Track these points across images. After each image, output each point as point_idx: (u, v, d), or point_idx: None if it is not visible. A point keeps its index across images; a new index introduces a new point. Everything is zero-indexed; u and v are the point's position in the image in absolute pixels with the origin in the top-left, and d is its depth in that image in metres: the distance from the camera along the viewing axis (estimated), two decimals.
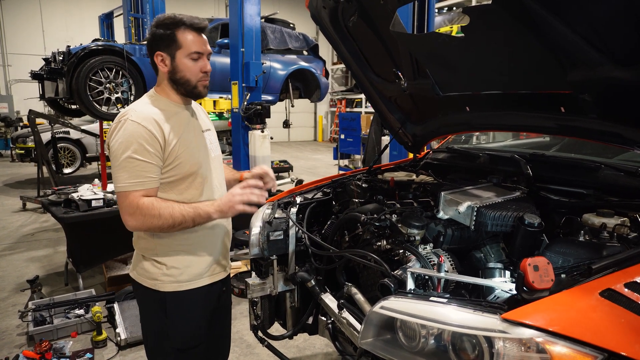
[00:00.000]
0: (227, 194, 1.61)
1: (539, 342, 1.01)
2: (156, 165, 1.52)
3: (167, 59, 1.58)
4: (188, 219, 1.54)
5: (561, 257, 1.43)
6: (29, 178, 9.38)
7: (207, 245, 1.72)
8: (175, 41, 1.56)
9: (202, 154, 1.67)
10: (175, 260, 1.64)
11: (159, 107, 1.59)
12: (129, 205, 1.50)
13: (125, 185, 1.49)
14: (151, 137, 1.50)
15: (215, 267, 1.75)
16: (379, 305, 1.27)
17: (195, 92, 1.63)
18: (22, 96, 13.86)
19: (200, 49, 1.58)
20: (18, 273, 4.47)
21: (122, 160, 1.49)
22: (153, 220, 1.50)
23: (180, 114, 1.64)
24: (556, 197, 1.79)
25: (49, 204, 3.99)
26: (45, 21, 15.35)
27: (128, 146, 1.48)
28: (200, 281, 1.70)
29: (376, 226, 1.74)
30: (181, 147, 1.57)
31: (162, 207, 1.51)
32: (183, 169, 1.59)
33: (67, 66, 4.97)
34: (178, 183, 1.60)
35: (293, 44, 7.38)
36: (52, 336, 3.20)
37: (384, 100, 2.48)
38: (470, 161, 2.40)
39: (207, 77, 1.63)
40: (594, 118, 1.62)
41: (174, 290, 1.65)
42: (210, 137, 1.77)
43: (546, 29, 1.39)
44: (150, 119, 1.52)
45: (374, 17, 2.02)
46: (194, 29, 1.57)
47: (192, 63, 1.58)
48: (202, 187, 1.65)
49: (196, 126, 1.70)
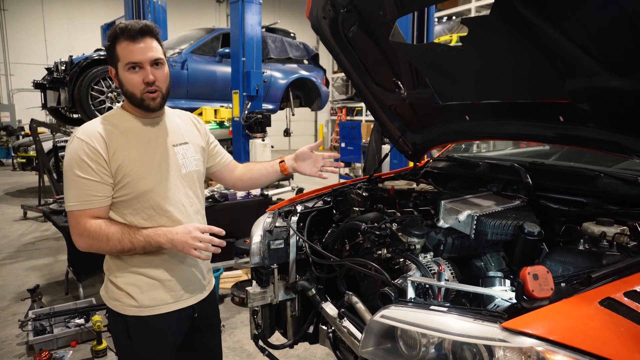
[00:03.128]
0: (184, 231, 1.48)
1: (539, 351, 1.01)
2: (102, 182, 1.45)
3: (113, 73, 1.52)
4: (138, 247, 1.46)
5: (561, 266, 1.44)
6: (30, 187, 9.39)
7: (172, 267, 1.59)
8: (115, 54, 1.47)
9: (163, 171, 1.55)
10: (133, 282, 1.55)
11: (112, 123, 1.52)
12: (76, 225, 1.45)
13: (72, 205, 1.45)
14: (94, 153, 1.43)
15: (182, 293, 1.62)
16: (380, 314, 1.27)
17: (144, 105, 1.50)
18: (24, 105, 13.94)
19: (134, 58, 1.44)
20: (18, 282, 4.46)
21: (69, 179, 1.45)
22: (100, 244, 1.44)
23: (140, 128, 1.55)
24: (556, 205, 1.80)
25: (50, 212, 4.00)
26: (47, 31, 15.46)
27: (72, 163, 1.44)
28: (164, 307, 1.58)
29: (376, 235, 1.74)
30: (131, 164, 1.48)
31: (110, 232, 1.44)
32: (134, 188, 1.49)
33: (69, 75, 5.03)
34: (131, 202, 1.50)
35: (294, 53, 7.43)
36: (52, 346, 3.18)
37: (384, 109, 2.49)
38: (470, 170, 2.40)
39: (152, 87, 1.48)
40: (592, 127, 1.62)
41: (135, 314, 1.56)
42: (185, 151, 1.64)
43: (544, 38, 1.41)
44: (95, 134, 1.46)
45: (373, 27, 2.03)
46: (128, 37, 1.44)
47: (131, 75, 1.47)
48: (161, 206, 1.53)
49: (162, 141, 1.59)
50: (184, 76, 6.03)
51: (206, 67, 6.32)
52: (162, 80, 1.52)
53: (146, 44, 1.46)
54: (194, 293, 1.68)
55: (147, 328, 1.58)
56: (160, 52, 1.51)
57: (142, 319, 1.57)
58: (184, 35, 6.98)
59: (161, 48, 1.53)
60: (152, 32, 1.48)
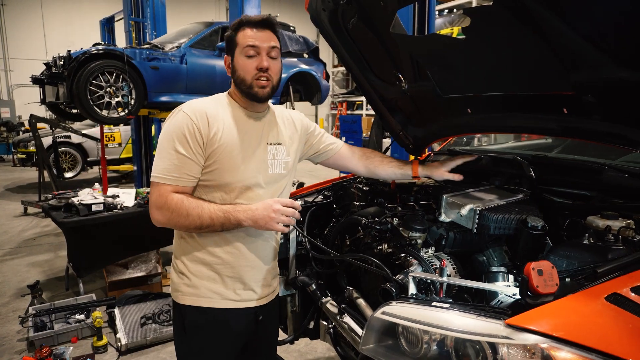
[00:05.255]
0: (264, 206, 1.45)
1: (543, 348, 0.99)
2: (195, 162, 1.45)
3: (229, 60, 1.54)
4: (217, 222, 1.44)
5: (565, 261, 1.41)
6: (30, 182, 9.38)
7: (237, 266, 1.57)
8: (235, 40, 1.51)
9: (252, 167, 1.53)
10: (196, 270, 1.54)
11: (220, 105, 1.52)
12: (158, 197, 1.44)
13: (160, 177, 1.43)
14: (195, 130, 1.43)
15: (242, 293, 1.59)
16: (380, 311, 1.25)
17: (252, 92, 1.50)
18: (23, 101, 13.88)
19: (254, 42, 1.47)
20: (19, 278, 4.46)
21: (164, 150, 1.44)
22: (180, 218, 1.43)
23: (242, 119, 1.54)
24: (559, 199, 1.77)
25: (50, 208, 3.99)
26: (46, 26, 15.40)
27: (172, 135, 1.43)
28: (222, 302, 1.56)
29: (377, 230, 1.72)
30: (224, 153, 1.47)
31: (191, 207, 1.42)
32: (218, 177, 1.48)
33: (67, 70, 4.98)
34: (212, 190, 1.50)
35: (293, 46, 7.37)
36: (53, 342, 3.18)
37: (384, 102, 2.46)
38: (472, 163, 2.37)
39: (265, 75, 1.49)
40: (597, 119, 1.59)
41: (192, 304, 1.55)
42: (276, 151, 1.61)
43: (548, 29, 1.38)
44: (201, 112, 1.46)
45: (374, 19, 2.00)
46: (252, 24, 1.49)
47: (246, 60, 1.49)
48: (236, 202, 1.51)
49: (260, 136, 1.57)
50: (183, 70, 5.99)
51: (205, 62, 6.27)
52: (275, 71, 1.53)
53: (266, 33, 1.51)
54: (258, 296, 1.64)
55: (202, 320, 1.56)
56: (278, 44, 1.54)
57: (198, 310, 1.55)
58: (183, 29, 6.93)
59: (279, 44, 1.55)
60: (275, 26, 1.53)
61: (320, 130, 1.88)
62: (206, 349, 1.59)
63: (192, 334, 1.58)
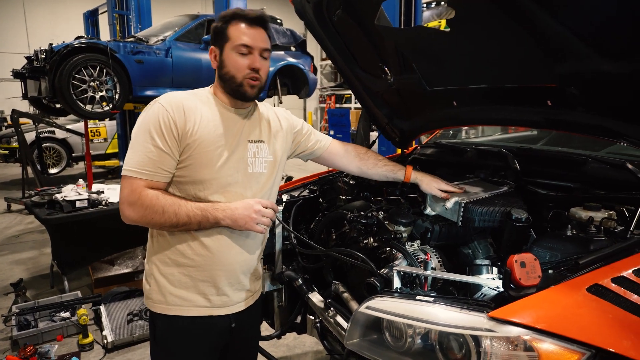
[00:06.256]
0: (245, 206, 1.41)
1: (526, 340, 1.00)
2: (172, 157, 1.38)
3: (216, 53, 1.47)
4: (194, 221, 1.37)
5: (549, 252, 1.42)
6: (13, 179, 9.21)
7: (209, 269, 1.48)
8: (225, 34, 1.44)
9: (230, 164, 1.46)
10: (167, 272, 1.47)
11: (199, 100, 1.46)
12: (130, 192, 1.34)
13: (132, 170, 1.35)
14: (171, 122, 1.36)
15: (215, 299, 1.51)
16: (365, 305, 1.24)
17: (240, 91, 1.45)
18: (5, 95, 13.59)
19: (248, 42, 1.42)
20: (2, 276, 4.38)
21: (138, 143, 1.37)
22: (155, 215, 1.34)
23: (222, 115, 1.48)
24: (544, 191, 1.78)
25: (33, 205, 3.91)
26: (29, 19, 15.05)
27: (147, 127, 1.36)
28: (192, 310, 1.49)
29: (363, 224, 1.71)
30: (199, 148, 1.40)
31: (167, 204, 1.35)
32: (193, 173, 1.41)
33: (49, 64, 4.87)
34: (187, 187, 1.43)
35: (281, 39, 7.31)
36: (37, 340, 3.14)
37: (370, 95, 2.45)
38: (457, 156, 2.38)
39: (256, 75, 1.45)
40: (581, 111, 1.60)
41: (162, 312, 1.48)
42: (258, 149, 1.54)
43: (534, 21, 1.37)
44: (178, 104, 1.39)
45: (359, 11, 1.98)
46: (246, 20, 1.43)
47: (238, 57, 1.43)
48: (212, 200, 1.44)
49: (240, 133, 1.50)
50: (169, 64, 5.91)
51: (191, 55, 6.20)
52: (264, 72, 1.48)
53: (260, 32, 1.46)
54: (232, 302, 1.56)
55: (172, 329, 1.50)
56: (269, 45, 1.50)
57: (169, 319, 1.48)
58: (168, 22, 6.83)
59: (270, 42, 1.51)
60: (267, 24, 1.49)
61: (309, 128, 1.83)
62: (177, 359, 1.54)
63: (162, 344, 1.53)
